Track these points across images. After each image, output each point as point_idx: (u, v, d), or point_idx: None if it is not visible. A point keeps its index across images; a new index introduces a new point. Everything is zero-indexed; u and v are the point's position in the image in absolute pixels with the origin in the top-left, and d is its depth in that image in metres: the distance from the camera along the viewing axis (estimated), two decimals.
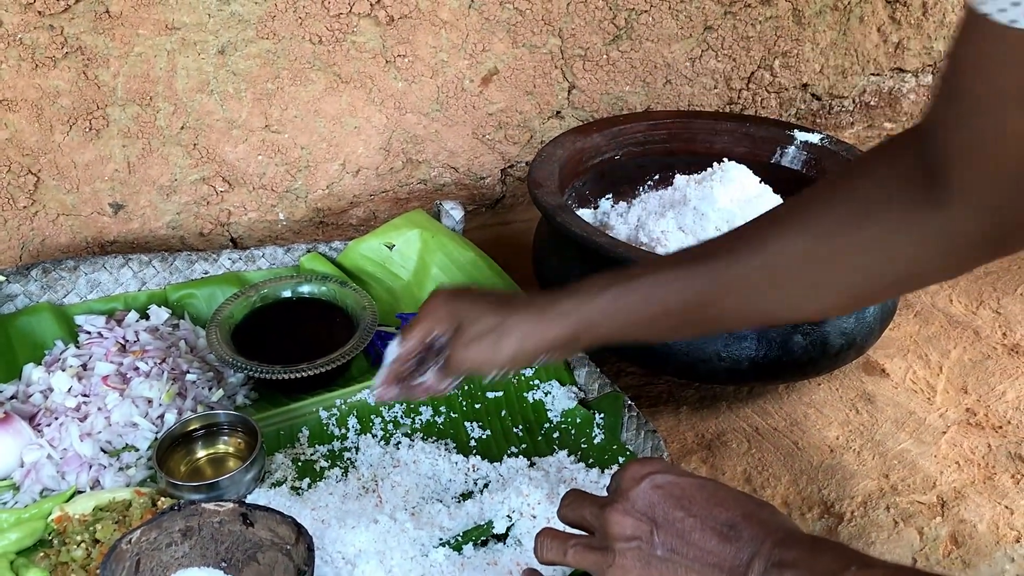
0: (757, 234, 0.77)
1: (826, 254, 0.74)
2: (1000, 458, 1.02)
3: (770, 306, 0.78)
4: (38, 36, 1.11)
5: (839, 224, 0.73)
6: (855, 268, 0.74)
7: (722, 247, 0.78)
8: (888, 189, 0.72)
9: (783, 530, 0.64)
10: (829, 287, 0.76)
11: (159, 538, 0.79)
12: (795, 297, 0.77)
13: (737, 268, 0.76)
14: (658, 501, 0.66)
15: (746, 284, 0.76)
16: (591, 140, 1.26)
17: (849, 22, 1.58)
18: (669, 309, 0.78)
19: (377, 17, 1.26)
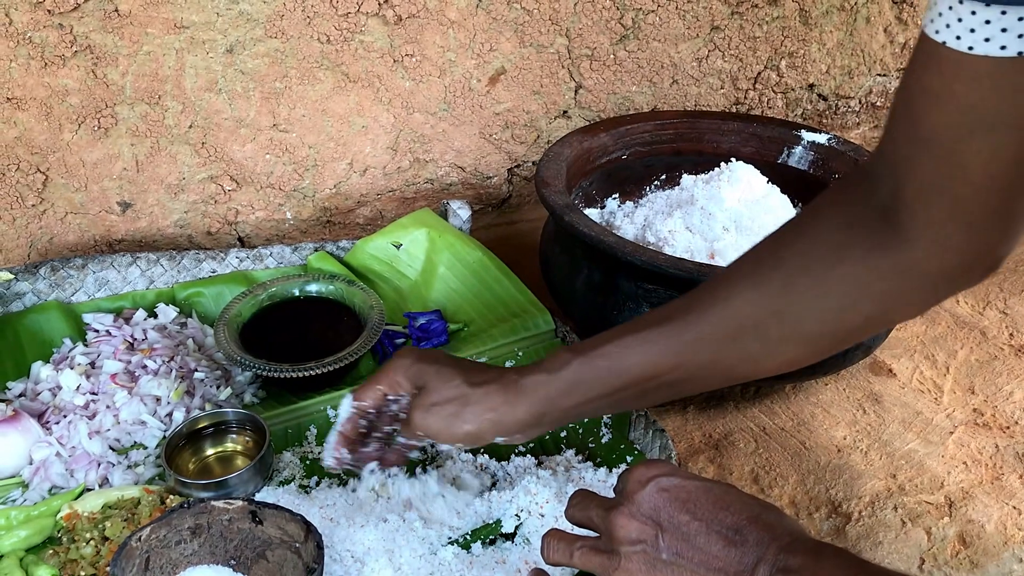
0: (714, 294, 0.76)
1: (784, 307, 0.73)
2: (1008, 458, 1.02)
3: (734, 365, 0.77)
4: (47, 35, 1.12)
5: (795, 276, 0.73)
6: (814, 318, 0.73)
7: (680, 310, 0.77)
8: (841, 235, 0.71)
9: (789, 535, 0.64)
10: (790, 340, 0.75)
11: (168, 536, 0.79)
12: (757, 354, 0.76)
13: (696, 331, 0.75)
14: (663, 504, 0.67)
15: (706, 346, 0.76)
16: (598, 140, 1.26)
17: (856, 23, 1.58)
18: (632, 379, 0.77)
19: (385, 16, 1.26)
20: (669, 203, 1.20)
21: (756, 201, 1.16)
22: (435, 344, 1.12)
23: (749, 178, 1.19)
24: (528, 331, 1.11)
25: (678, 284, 0.99)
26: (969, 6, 0.56)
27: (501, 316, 1.14)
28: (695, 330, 0.75)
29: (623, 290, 1.03)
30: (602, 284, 1.05)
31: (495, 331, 1.11)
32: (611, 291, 1.04)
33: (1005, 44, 0.55)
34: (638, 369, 0.77)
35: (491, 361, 1.08)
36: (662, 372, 0.77)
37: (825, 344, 0.77)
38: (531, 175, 1.48)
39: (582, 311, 1.08)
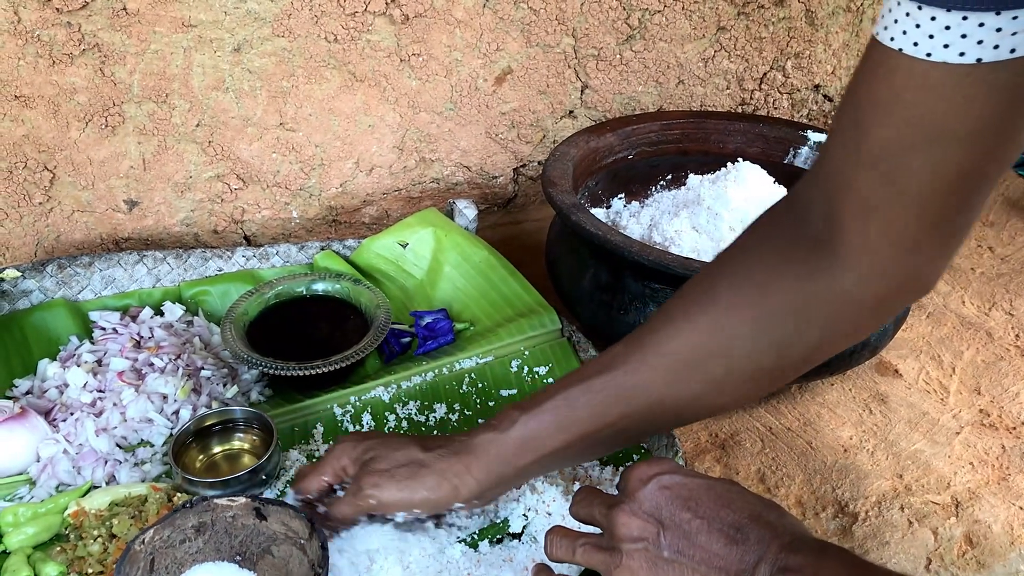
0: (651, 337, 0.76)
1: (722, 346, 0.73)
2: (1014, 459, 1.02)
3: (682, 407, 0.77)
4: (55, 33, 1.12)
5: (729, 312, 0.73)
6: (753, 354, 0.73)
7: (620, 356, 0.77)
8: (776, 263, 0.71)
9: (790, 533, 0.63)
10: (734, 377, 0.75)
11: (172, 535, 0.79)
12: (703, 393, 0.76)
13: (637, 376, 0.75)
14: (665, 502, 0.67)
15: (650, 390, 0.75)
16: (604, 140, 1.26)
17: (861, 23, 1.58)
18: (582, 431, 0.77)
19: (392, 16, 1.26)
20: (675, 203, 1.20)
21: (762, 201, 1.16)
22: (441, 343, 1.12)
23: (755, 178, 1.19)
24: (534, 330, 1.11)
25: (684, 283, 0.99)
26: (929, 11, 0.55)
27: (507, 315, 1.14)
28: (636, 375, 0.75)
29: (630, 290, 1.03)
30: (609, 283, 1.05)
31: (501, 330, 1.11)
32: (618, 291, 1.04)
33: (964, 50, 0.55)
34: (586, 420, 0.77)
35: (497, 360, 1.08)
36: (610, 422, 0.77)
37: (770, 378, 0.77)
38: (537, 175, 1.48)
39: (588, 310, 1.08)
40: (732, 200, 1.15)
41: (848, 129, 0.64)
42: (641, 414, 0.77)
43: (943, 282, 1.33)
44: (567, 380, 0.79)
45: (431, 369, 1.07)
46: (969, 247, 1.42)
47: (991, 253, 1.41)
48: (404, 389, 1.05)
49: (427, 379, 1.06)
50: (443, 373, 1.07)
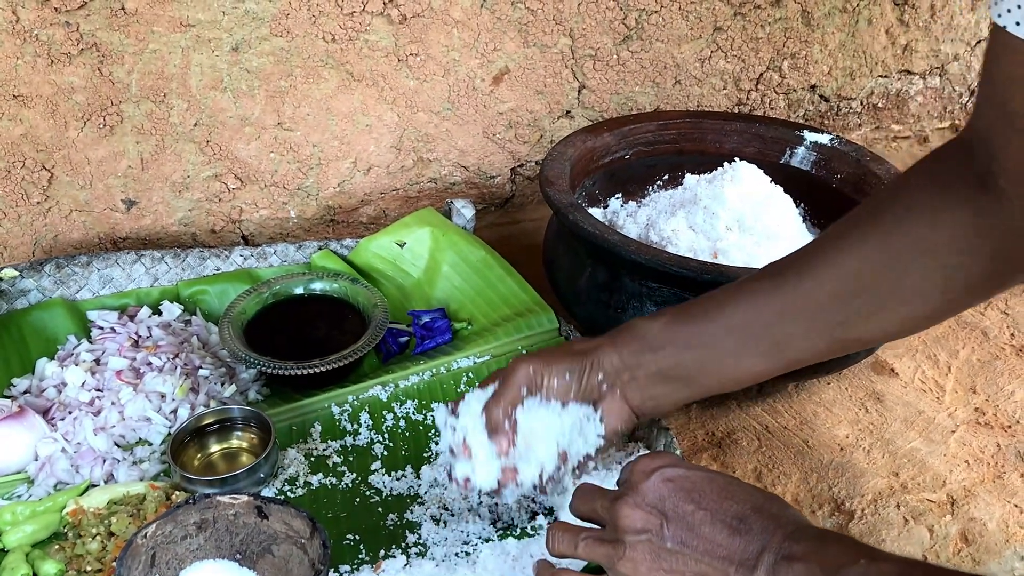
0: (818, 255, 0.78)
1: (889, 264, 0.75)
2: (1009, 457, 1.02)
3: (834, 328, 0.79)
4: (54, 32, 1.12)
5: (895, 234, 0.75)
6: (919, 278, 0.75)
7: (789, 268, 0.79)
8: (939, 199, 0.74)
9: (793, 523, 0.64)
10: (897, 304, 0.77)
11: (174, 531, 0.79)
12: (861, 313, 0.77)
13: (806, 286, 0.77)
14: (668, 494, 0.67)
15: (812, 303, 0.77)
16: (601, 140, 1.26)
17: (858, 24, 1.58)
18: (730, 330, 0.79)
19: (390, 16, 1.27)
20: (672, 203, 1.20)
21: (759, 201, 1.16)
22: (439, 342, 1.12)
23: (752, 178, 1.19)
24: (532, 329, 1.11)
25: (682, 283, 0.99)
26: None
27: (505, 315, 1.14)
28: (805, 287, 0.77)
29: (627, 289, 1.04)
30: (606, 283, 1.06)
31: (499, 329, 1.11)
32: (615, 290, 1.05)
33: None
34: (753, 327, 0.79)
35: (494, 359, 1.08)
36: (770, 329, 0.79)
37: (937, 304, 0.78)
38: (534, 175, 1.48)
39: (585, 310, 1.09)
40: (728, 199, 1.15)
41: (990, 96, 0.69)
42: (792, 329, 0.79)
43: None
44: (723, 290, 0.82)
45: (429, 368, 1.07)
46: None
47: None
48: (402, 388, 1.05)
49: (425, 378, 1.06)
50: (441, 372, 1.07)
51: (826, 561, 0.61)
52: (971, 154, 0.72)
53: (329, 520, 0.90)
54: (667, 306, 0.97)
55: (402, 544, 0.87)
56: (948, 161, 0.76)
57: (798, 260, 0.79)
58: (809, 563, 0.61)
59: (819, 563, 0.61)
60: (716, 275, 0.95)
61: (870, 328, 0.80)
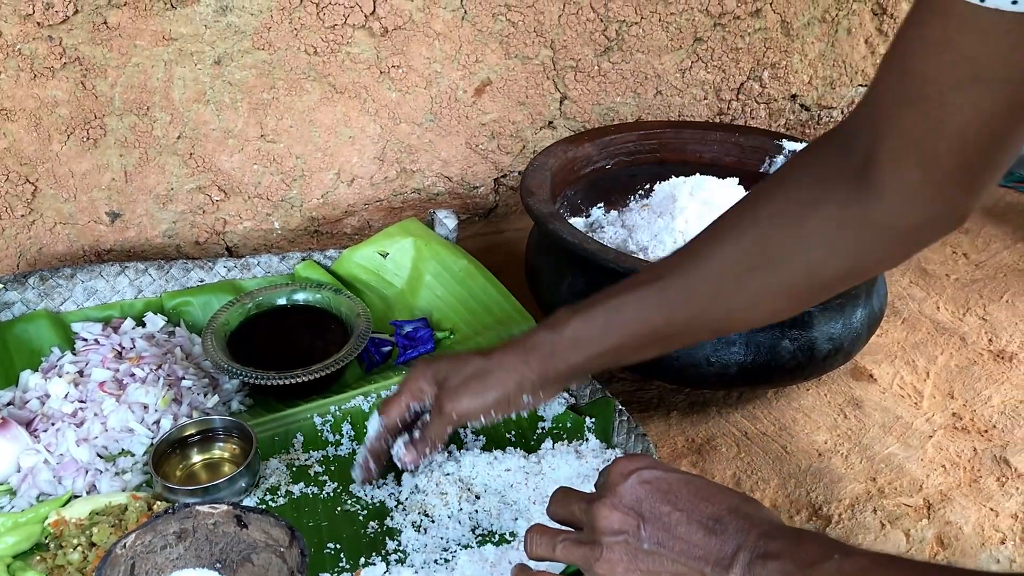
0: (697, 252, 0.82)
1: (761, 262, 0.78)
2: (985, 461, 1.03)
3: (720, 318, 0.83)
4: (37, 47, 1.13)
5: (770, 231, 0.77)
6: (790, 272, 0.78)
7: (668, 267, 0.83)
8: (815, 191, 0.75)
9: (767, 523, 0.65)
10: (769, 293, 0.80)
11: (154, 541, 0.80)
12: (738, 307, 0.81)
13: (682, 286, 0.81)
14: (645, 496, 0.68)
15: (693, 301, 0.81)
16: (583, 150, 1.27)
17: (837, 34, 1.60)
18: (629, 334, 0.83)
19: (371, 28, 1.28)
20: (652, 212, 1.21)
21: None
22: (421, 352, 1.13)
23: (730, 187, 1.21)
24: None
25: None
26: None
27: (487, 324, 1.15)
28: (681, 286, 0.81)
29: None
30: (586, 291, 1.05)
31: (480, 339, 1.12)
32: None
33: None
34: (631, 325, 0.82)
35: None
36: (654, 327, 0.82)
37: (803, 296, 0.82)
38: (517, 185, 1.49)
39: None
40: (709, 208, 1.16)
41: (895, 66, 0.67)
42: (682, 324, 0.82)
43: (918, 288, 1.35)
44: (618, 288, 0.84)
45: None
46: (944, 253, 1.44)
47: (966, 259, 1.43)
48: (384, 398, 1.05)
49: None
50: None
51: (800, 558, 0.61)
52: (850, 142, 0.73)
53: (310, 529, 0.90)
54: None
55: (382, 551, 0.88)
56: (825, 151, 0.77)
57: (680, 257, 0.83)
58: (784, 560, 0.62)
59: (794, 560, 0.62)
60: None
61: (747, 319, 0.85)
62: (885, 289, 1.13)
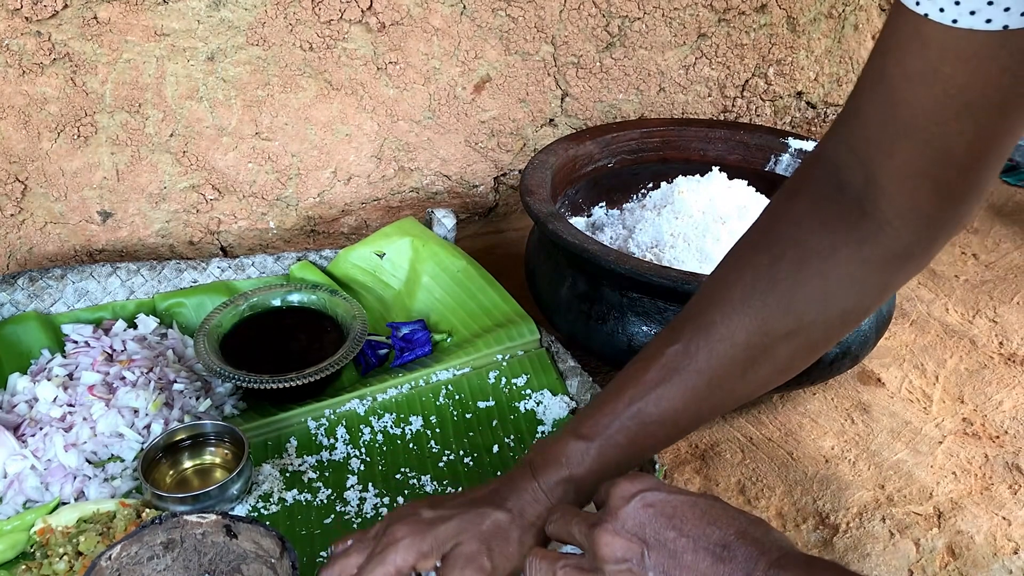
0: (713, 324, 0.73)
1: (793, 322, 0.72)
2: (997, 468, 1.01)
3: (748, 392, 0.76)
4: (25, 42, 1.10)
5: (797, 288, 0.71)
6: (821, 327, 0.73)
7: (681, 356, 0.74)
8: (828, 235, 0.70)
9: (777, 549, 0.62)
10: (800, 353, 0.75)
11: (140, 552, 0.77)
12: (771, 376, 0.75)
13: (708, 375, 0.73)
14: (649, 520, 0.65)
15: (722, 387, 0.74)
16: (584, 148, 1.25)
17: (843, 30, 1.57)
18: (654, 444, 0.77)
19: (368, 24, 1.25)
20: (655, 211, 1.19)
21: (744, 208, 1.15)
22: (419, 355, 1.10)
23: (735, 187, 1.18)
24: (512, 340, 1.09)
25: (663, 293, 0.98)
26: None
27: (485, 326, 1.12)
28: (708, 373, 0.73)
29: (607, 299, 1.02)
30: (587, 293, 1.04)
31: (479, 341, 1.10)
32: (596, 300, 1.03)
33: (990, 17, 0.54)
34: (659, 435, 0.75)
35: (474, 371, 1.07)
36: (684, 427, 0.76)
37: (826, 346, 0.77)
38: (517, 183, 1.47)
39: (567, 321, 1.07)
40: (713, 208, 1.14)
41: (880, 99, 0.64)
42: (713, 409, 0.76)
43: (926, 290, 1.32)
44: (629, 391, 0.75)
45: (408, 381, 1.05)
46: (952, 254, 1.41)
47: (975, 260, 1.40)
48: (380, 402, 1.03)
49: (403, 391, 1.04)
50: (420, 385, 1.05)
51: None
52: (843, 176, 0.69)
53: (303, 537, 0.88)
54: (640, 321, 0.96)
55: None
56: (815, 194, 0.72)
57: (698, 342, 0.74)
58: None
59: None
60: (697, 285, 0.93)
61: (771, 384, 0.78)
62: None
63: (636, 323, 1.01)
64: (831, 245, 0.70)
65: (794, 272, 0.71)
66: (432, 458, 0.97)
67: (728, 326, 0.72)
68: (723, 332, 0.73)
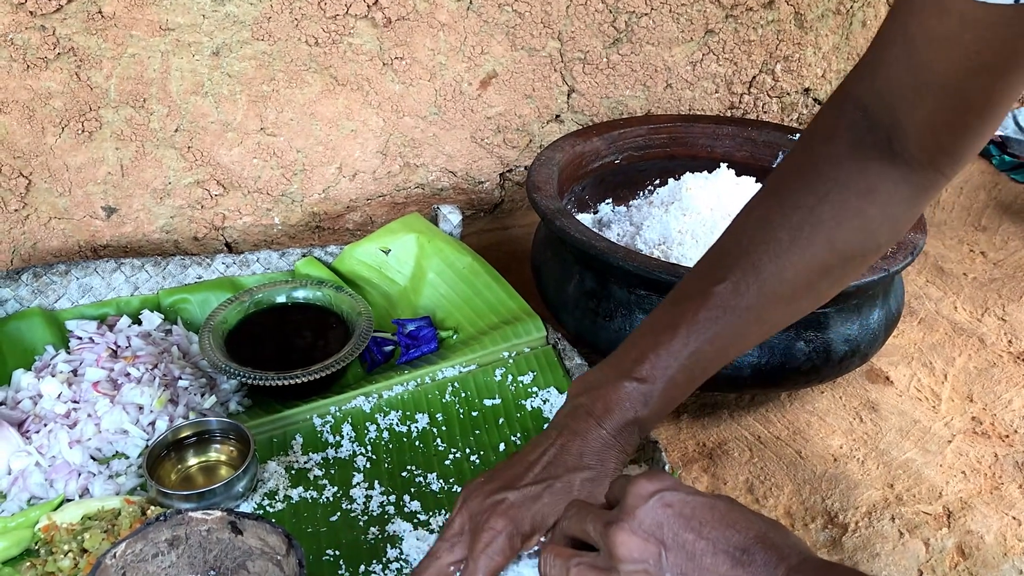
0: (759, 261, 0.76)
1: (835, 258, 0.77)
2: (1007, 467, 1.00)
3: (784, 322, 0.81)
4: (29, 36, 1.10)
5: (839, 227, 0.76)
6: (861, 258, 0.79)
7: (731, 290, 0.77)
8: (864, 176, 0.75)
9: (796, 553, 0.61)
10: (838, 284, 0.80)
11: (145, 549, 0.77)
12: (807, 307, 0.81)
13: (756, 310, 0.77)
14: (667, 521, 0.64)
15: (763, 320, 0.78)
16: (591, 144, 1.24)
17: (851, 26, 1.56)
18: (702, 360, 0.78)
19: (374, 19, 1.24)
20: (662, 208, 1.18)
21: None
22: (424, 351, 1.10)
23: (743, 183, 1.17)
24: (519, 338, 1.09)
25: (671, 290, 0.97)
26: None
27: (491, 323, 1.12)
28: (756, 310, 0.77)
29: (615, 296, 1.01)
30: (594, 290, 1.03)
31: (485, 338, 1.09)
32: (603, 297, 1.02)
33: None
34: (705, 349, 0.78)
35: (480, 369, 1.06)
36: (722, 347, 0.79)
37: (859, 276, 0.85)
38: (523, 180, 1.46)
39: (574, 318, 1.07)
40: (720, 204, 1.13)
41: (904, 57, 0.69)
42: (757, 339, 0.81)
43: (935, 288, 1.32)
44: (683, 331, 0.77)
45: (413, 378, 1.05)
46: (961, 252, 1.41)
47: (983, 258, 1.40)
48: (386, 399, 1.03)
49: (409, 388, 1.04)
50: (426, 382, 1.05)
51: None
52: (870, 114, 0.74)
53: (309, 535, 0.87)
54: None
55: (383, 559, 0.85)
56: (856, 126, 0.76)
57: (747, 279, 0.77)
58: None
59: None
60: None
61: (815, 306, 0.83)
62: (902, 289, 1.10)
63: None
64: (869, 185, 0.75)
65: (837, 212, 0.75)
66: (438, 456, 0.96)
67: (777, 264, 0.76)
68: (772, 270, 0.76)
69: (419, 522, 0.89)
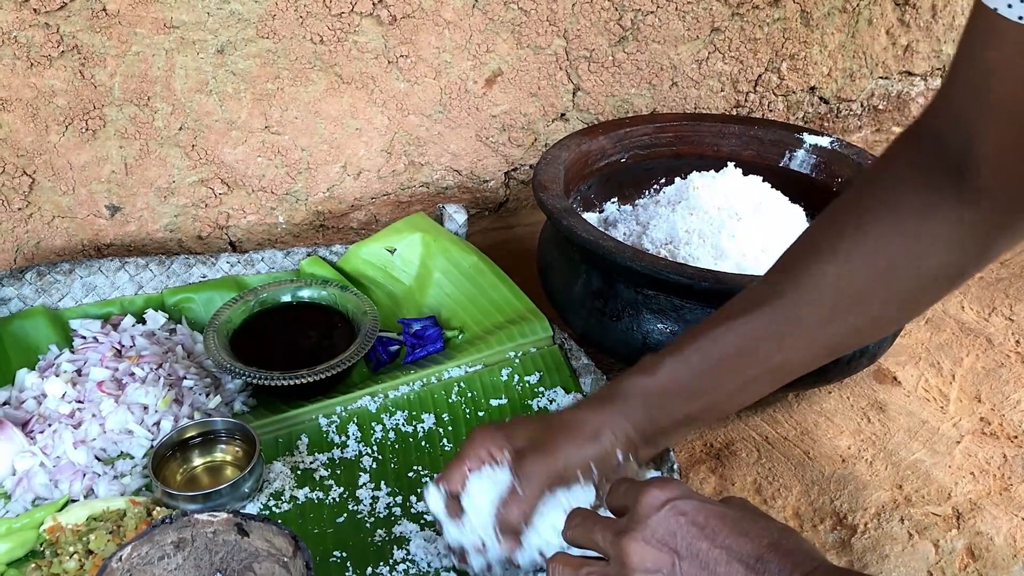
0: (801, 269, 0.77)
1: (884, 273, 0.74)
2: (1016, 468, 0.99)
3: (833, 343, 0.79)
4: (33, 34, 1.09)
5: (885, 240, 0.74)
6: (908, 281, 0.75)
7: (765, 294, 0.77)
8: (924, 195, 0.73)
9: (810, 560, 0.61)
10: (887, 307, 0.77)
11: (151, 552, 0.76)
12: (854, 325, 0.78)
13: (791, 312, 0.76)
14: (680, 530, 0.63)
15: (802, 329, 0.76)
16: (597, 143, 1.24)
17: (858, 24, 1.56)
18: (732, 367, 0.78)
19: (379, 17, 1.24)
20: (669, 207, 1.18)
21: (759, 204, 1.14)
22: (430, 351, 1.09)
23: (749, 183, 1.17)
24: (525, 337, 1.08)
25: (678, 290, 0.96)
26: None
27: (497, 322, 1.11)
28: (791, 311, 0.76)
29: (622, 296, 1.01)
30: (601, 290, 1.03)
31: (491, 338, 1.09)
32: (610, 297, 1.02)
33: None
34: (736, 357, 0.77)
35: (487, 368, 1.06)
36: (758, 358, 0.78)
37: (918, 306, 0.81)
38: (529, 179, 1.46)
39: (580, 318, 1.06)
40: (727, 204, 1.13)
41: (970, 83, 0.68)
42: (793, 352, 0.78)
43: None
44: (713, 319, 0.79)
45: (419, 378, 1.04)
46: None
47: None
48: (391, 399, 1.02)
49: (415, 388, 1.03)
50: (432, 382, 1.04)
51: None
52: (943, 143, 0.72)
53: (315, 536, 0.87)
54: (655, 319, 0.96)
55: (389, 561, 0.84)
56: (923, 153, 0.74)
57: (784, 283, 0.78)
58: None
59: None
60: (713, 282, 0.92)
61: (865, 336, 0.82)
62: None
63: (651, 320, 1.00)
64: (928, 204, 0.73)
65: (886, 228, 0.74)
66: (444, 456, 0.96)
67: (817, 265, 0.76)
68: (811, 271, 0.76)
69: (426, 523, 0.88)
